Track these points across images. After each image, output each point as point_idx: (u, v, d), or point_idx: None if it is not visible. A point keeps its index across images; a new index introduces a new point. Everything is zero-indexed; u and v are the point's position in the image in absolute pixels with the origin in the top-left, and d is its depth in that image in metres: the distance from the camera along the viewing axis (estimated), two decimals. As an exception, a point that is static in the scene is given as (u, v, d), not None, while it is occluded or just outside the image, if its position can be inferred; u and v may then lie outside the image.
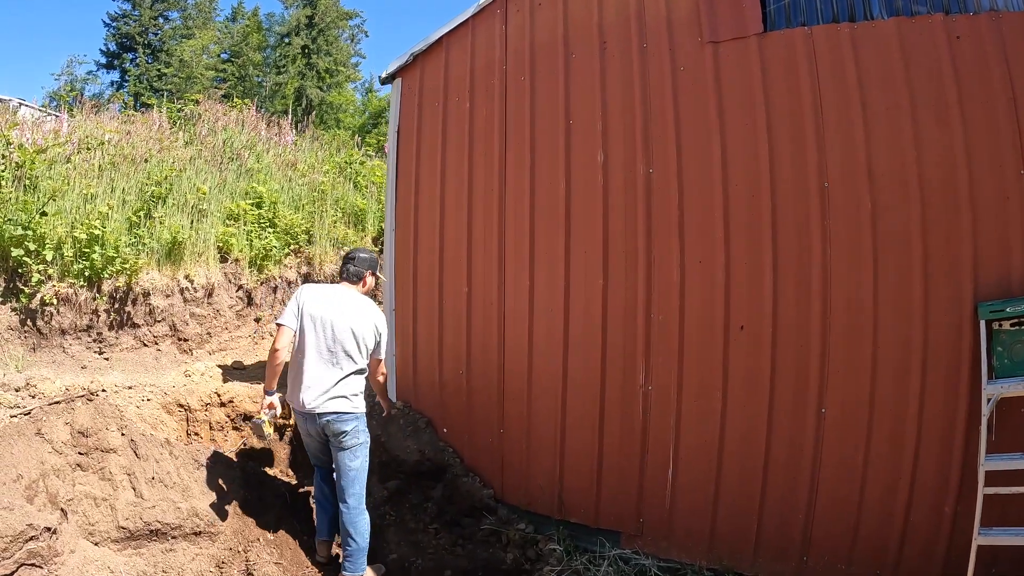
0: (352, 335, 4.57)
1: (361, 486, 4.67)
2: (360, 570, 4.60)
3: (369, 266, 4.86)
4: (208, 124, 9.95)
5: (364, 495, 4.70)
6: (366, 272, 4.84)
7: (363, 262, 4.85)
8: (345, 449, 4.58)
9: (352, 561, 4.57)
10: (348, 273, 4.81)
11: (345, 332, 4.55)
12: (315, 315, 4.53)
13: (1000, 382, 3.88)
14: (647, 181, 4.87)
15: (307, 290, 4.70)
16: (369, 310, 4.72)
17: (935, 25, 4.19)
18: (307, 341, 4.52)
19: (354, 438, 4.59)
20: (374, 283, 4.99)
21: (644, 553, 4.83)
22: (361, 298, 4.76)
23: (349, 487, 4.60)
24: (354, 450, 4.60)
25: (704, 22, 4.78)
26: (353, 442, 4.58)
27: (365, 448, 4.70)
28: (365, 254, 4.91)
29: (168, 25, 34.39)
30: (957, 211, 4.09)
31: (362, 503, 4.66)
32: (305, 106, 30.62)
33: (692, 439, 4.70)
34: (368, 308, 4.72)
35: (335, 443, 4.60)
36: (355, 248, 5.48)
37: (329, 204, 9.73)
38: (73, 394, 4.81)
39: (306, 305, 4.56)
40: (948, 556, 4.09)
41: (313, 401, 4.48)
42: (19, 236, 5.82)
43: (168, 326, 6.91)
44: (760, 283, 4.51)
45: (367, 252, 4.95)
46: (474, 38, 5.66)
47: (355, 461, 4.62)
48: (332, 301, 4.62)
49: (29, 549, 3.40)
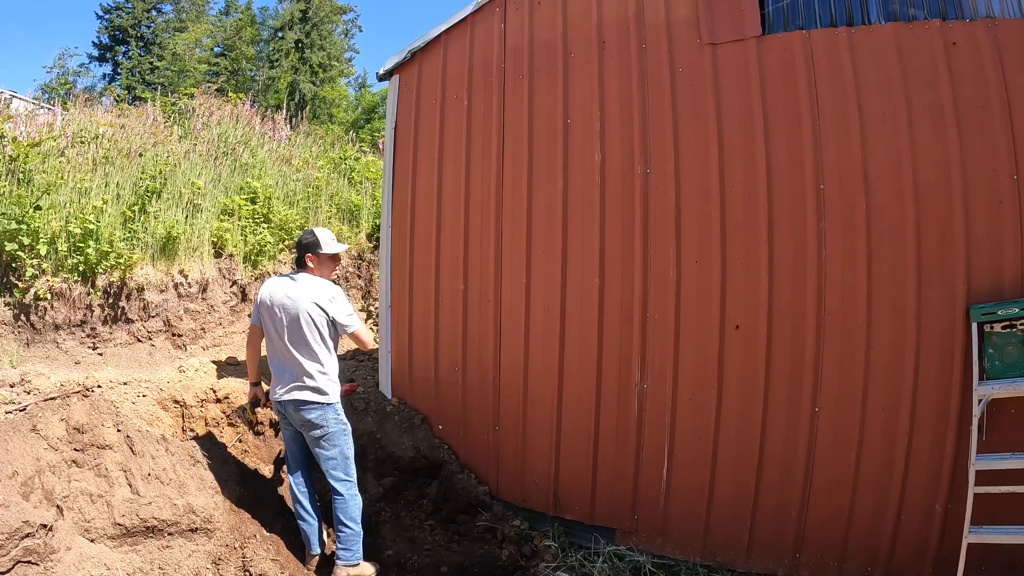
0: (299, 319, 4.46)
1: (346, 471, 4.60)
2: (356, 559, 4.55)
3: (305, 249, 4.66)
4: (203, 118, 9.92)
5: (354, 480, 4.64)
6: (305, 255, 4.65)
7: (299, 247, 4.70)
8: (315, 439, 4.53)
9: (347, 548, 4.52)
10: (296, 260, 4.74)
11: (293, 318, 4.47)
12: (268, 308, 4.56)
13: (991, 383, 3.94)
14: (644, 181, 4.89)
15: (264, 285, 4.73)
16: (311, 288, 4.53)
17: (932, 31, 4.23)
18: (268, 334, 4.61)
19: (321, 428, 4.49)
20: (327, 262, 4.74)
21: (639, 550, 4.87)
22: (307, 280, 4.59)
23: (333, 475, 4.55)
24: (325, 439, 4.52)
25: (703, 24, 4.81)
26: (321, 432, 4.50)
27: (341, 436, 4.57)
28: (303, 238, 4.73)
29: (161, 18, 34.16)
30: (951, 214, 4.14)
31: (352, 488, 4.61)
32: (298, 101, 30.50)
33: (687, 437, 4.74)
34: (310, 287, 4.55)
35: (306, 435, 4.58)
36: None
37: (324, 200, 9.73)
38: (68, 390, 4.80)
39: (261, 300, 4.61)
40: (939, 554, 4.15)
41: (279, 392, 4.53)
42: (13, 230, 5.79)
43: (162, 321, 6.89)
44: (756, 283, 4.55)
45: (305, 235, 4.76)
46: (473, 36, 5.67)
47: (331, 450, 4.54)
48: (280, 290, 4.56)
49: (25, 546, 3.39)
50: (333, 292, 4.60)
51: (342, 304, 4.61)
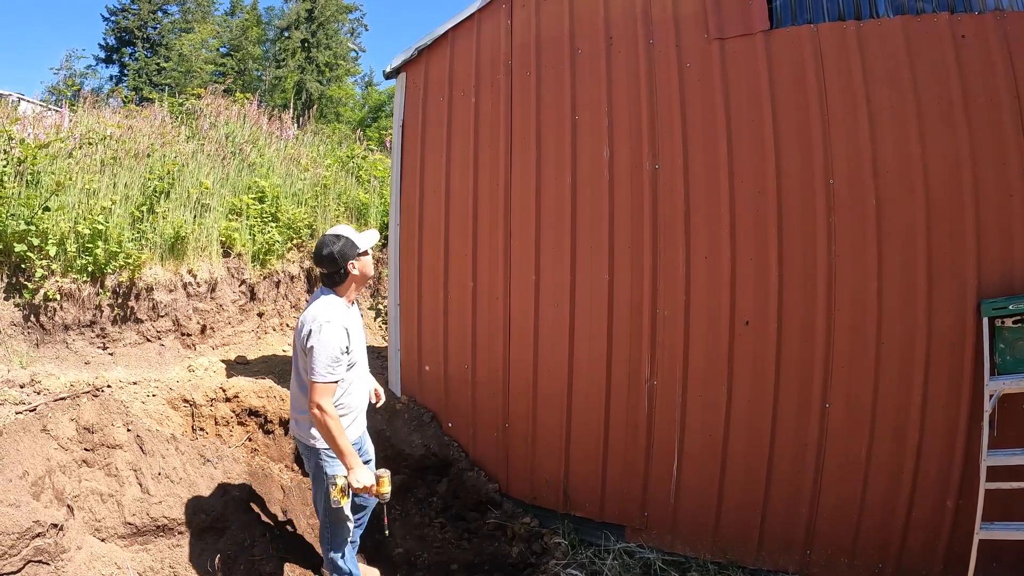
0: (295, 345, 3.88)
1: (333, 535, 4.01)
2: None
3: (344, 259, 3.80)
4: (210, 118, 9.94)
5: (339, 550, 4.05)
6: (347, 264, 3.82)
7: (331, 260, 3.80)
8: (310, 477, 4.05)
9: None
10: (325, 277, 3.91)
11: (295, 344, 3.87)
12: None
13: (1002, 378, 3.91)
14: (653, 177, 4.88)
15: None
16: (307, 311, 3.81)
17: (940, 24, 4.21)
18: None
19: (313, 469, 3.93)
20: (356, 269, 3.85)
21: (649, 547, 4.87)
22: (317, 300, 3.83)
23: (321, 531, 4.13)
24: (315, 483, 4.01)
25: (710, 18, 4.79)
26: (314, 472, 3.94)
27: (321, 490, 3.90)
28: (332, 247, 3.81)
29: (167, 19, 34.29)
30: (961, 209, 4.12)
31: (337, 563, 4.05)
32: (305, 100, 30.56)
33: (697, 433, 4.73)
34: (308, 310, 3.83)
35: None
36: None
37: (331, 198, 9.73)
38: (78, 390, 4.82)
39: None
40: (950, 550, 4.13)
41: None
42: (22, 231, 5.80)
43: (171, 321, 6.91)
44: (765, 278, 4.54)
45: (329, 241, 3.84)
46: (479, 33, 5.66)
47: (317, 497, 4.05)
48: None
49: (36, 546, 3.41)
50: (317, 317, 3.71)
51: (322, 345, 3.64)
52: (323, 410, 3.59)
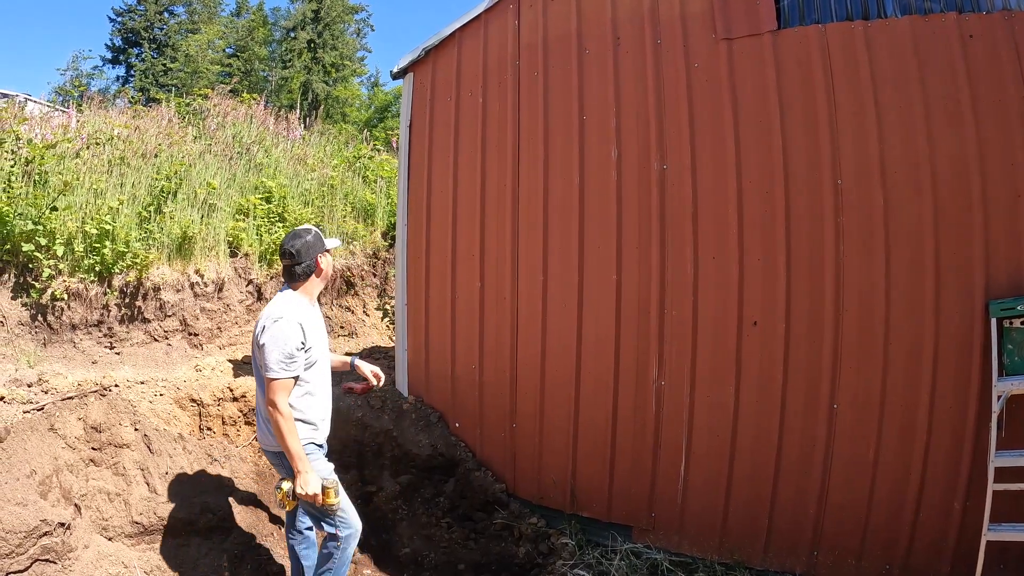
0: (253, 346, 3.76)
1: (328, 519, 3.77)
2: None
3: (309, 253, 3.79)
4: (217, 119, 9.95)
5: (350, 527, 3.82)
6: (317, 258, 3.82)
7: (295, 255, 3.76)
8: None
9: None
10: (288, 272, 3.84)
11: (253, 345, 3.76)
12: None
13: (1010, 379, 3.89)
14: (661, 177, 4.87)
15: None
16: (264, 309, 3.76)
17: (948, 24, 4.20)
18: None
19: (288, 473, 3.66)
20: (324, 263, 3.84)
21: (656, 547, 4.86)
22: (275, 298, 3.80)
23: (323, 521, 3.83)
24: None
25: (718, 18, 4.78)
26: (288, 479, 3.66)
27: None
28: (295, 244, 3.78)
29: (173, 20, 34.38)
30: (969, 209, 4.10)
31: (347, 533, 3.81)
32: (311, 100, 30.59)
33: (704, 433, 4.72)
34: (265, 307, 3.77)
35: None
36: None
37: (338, 199, 9.74)
38: (86, 389, 4.83)
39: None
40: (957, 551, 4.11)
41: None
42: (30, 231, 5.82)
43: (178, 321, 6.92)
44: (773, 279, 4.53)
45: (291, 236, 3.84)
46: (486, 33, 5.67)
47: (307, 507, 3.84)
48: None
49: (43, 544, 3.42)
50: (272, 316, 3.64)
51: (274, 340, 3.56)
52: (276, 407, 3.49)
